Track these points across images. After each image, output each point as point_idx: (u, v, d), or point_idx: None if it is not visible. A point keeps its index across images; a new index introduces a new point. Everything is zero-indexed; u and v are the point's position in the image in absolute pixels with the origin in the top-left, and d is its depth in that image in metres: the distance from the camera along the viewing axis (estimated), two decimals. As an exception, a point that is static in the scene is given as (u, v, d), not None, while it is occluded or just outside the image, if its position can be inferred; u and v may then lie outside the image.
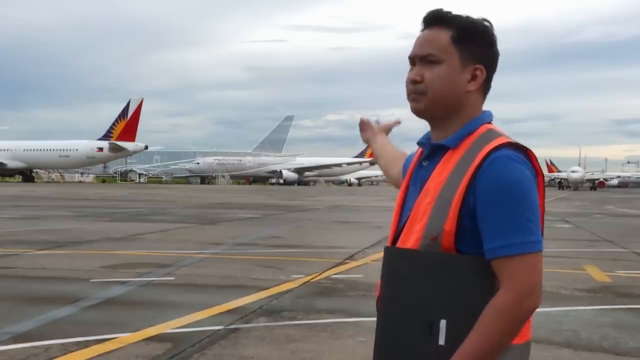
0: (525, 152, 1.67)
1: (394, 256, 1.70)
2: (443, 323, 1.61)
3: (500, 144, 1.65)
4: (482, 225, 1.61)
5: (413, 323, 1.63)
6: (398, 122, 2.43)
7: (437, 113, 1.73)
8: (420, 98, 1.72)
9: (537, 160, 1.69)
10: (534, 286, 1.58)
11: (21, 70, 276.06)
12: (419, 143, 1.84)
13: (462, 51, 1.70)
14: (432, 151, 1.74)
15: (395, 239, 1.76)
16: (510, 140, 1.67)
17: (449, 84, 1.70)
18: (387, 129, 2.41)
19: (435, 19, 1.74)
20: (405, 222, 1.73)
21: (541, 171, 1.70)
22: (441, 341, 1.60)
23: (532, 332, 1.73)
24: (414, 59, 1.75)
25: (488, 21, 1.75)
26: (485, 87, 1.76)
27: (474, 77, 1.72)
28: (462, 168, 1.65)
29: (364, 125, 2.42)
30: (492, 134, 1.70)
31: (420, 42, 1.75)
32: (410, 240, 1.68)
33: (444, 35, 1.71)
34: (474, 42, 1.72)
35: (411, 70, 1.76)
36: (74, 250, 11.06)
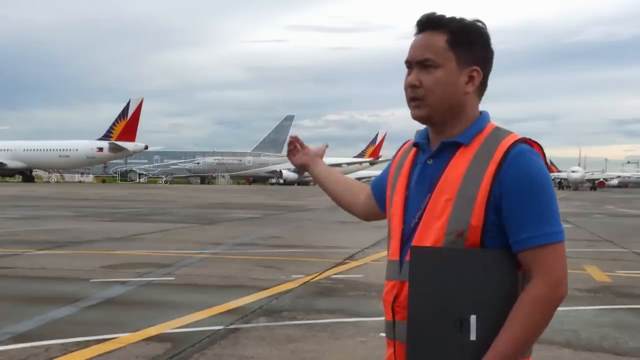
0: (536, 148, 1.71)
1: (421, 254, 1.68)
2: (473, 318, 1.61)
3: (517, 140, 1.68)
4: (511, 217, 1.62)
5: (443, 320, 1.63)
6: (326, 146, 2.34)
7: (437, 118, 1.73)
8: (421, 104, 1.72)
9: (545, 156, 1.72)
10: (564, 274, 1.64)
11: (22, 70, 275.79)
12: (416, 144, 1.83)
13: (458, 54, 1.71)
14: (439, 149, 1.74)
15: (404, 239, 1.74)
16: (524, 137, 1.70)
17: (448, 88, 1.71)
18: (321, 154, 2.30)
19: (429, 23, 1.74)
20: (418, 221, 1.71)
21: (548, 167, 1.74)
22: (472, 337, 1.61)
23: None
24: (410, 63, 1.75)
25: (481, 22, 1.76)
26: (482, 86, 1.77)
27: (471, 79, 1.73)
28: (481, 163, 1.66)
29: (295, 146, 2.25)
30: (502, 131, 1.73)
31: (416, 47, 1.74)
32: (430, 237, 1.67)
33: (440, 39, 1.71)
34: (469, 44, 1.72)
35: (408, 74, 1.76)
36: (74, 250, 11.07)
